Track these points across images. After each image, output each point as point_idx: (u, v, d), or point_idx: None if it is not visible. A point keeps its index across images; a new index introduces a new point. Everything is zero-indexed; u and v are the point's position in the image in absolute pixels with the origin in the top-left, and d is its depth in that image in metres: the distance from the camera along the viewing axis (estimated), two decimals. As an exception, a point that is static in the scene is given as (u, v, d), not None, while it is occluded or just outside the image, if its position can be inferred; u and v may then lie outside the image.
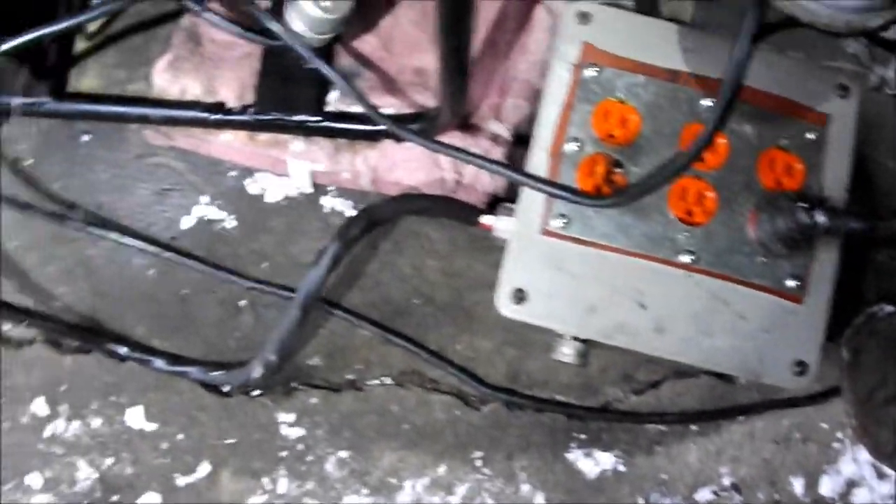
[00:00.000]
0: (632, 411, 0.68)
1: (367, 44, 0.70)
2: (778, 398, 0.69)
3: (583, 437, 0.68)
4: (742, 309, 0.56)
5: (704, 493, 0.68)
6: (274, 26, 0.60)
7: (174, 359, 0.68)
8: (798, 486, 0.69)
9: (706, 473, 0.68)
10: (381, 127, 0.67)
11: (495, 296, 0.55)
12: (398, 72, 0.69)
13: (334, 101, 0.68)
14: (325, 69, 0.59)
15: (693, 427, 0.69)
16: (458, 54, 0.54)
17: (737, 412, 0.69)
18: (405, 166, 0.67)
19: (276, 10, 0.63)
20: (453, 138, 0.65)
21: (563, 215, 0.56)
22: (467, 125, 0.67)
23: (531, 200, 0.56)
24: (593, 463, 0.67)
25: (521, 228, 0.56)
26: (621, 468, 0.68)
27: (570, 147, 0.57)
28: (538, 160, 0.57)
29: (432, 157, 0.67)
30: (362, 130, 0.67)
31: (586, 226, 0.56)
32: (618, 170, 0.56)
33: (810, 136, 0.58)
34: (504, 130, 0.67)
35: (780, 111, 0.58)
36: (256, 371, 0.63)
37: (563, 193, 0.54)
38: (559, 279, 0.55)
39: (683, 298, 0.56)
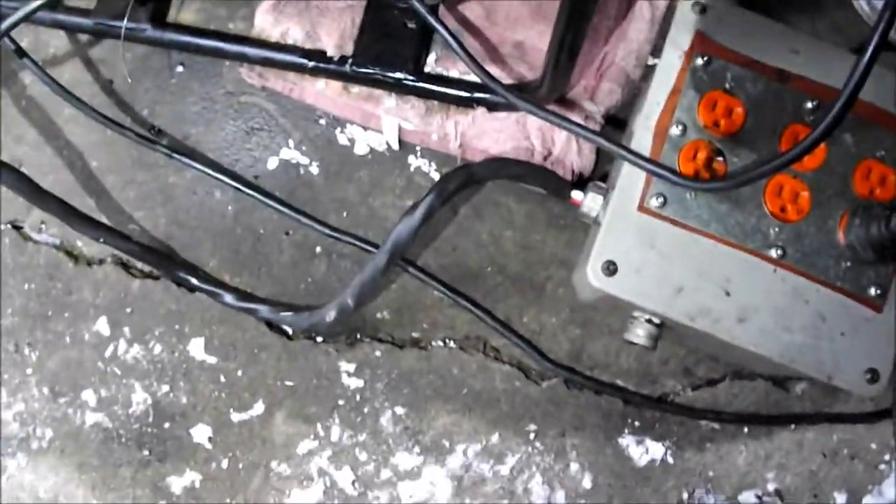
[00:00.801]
0: (688, 405, 0.68)
1: (470, 11, 0.71)
2: (830, 412, 0.70)
3: (636, 424, 0.68)
4: (822, 309, 0.57)
5: (748, 496, 0.68)
6: (394, -21, 0.61)
7: (244, 295, 0.68)
8: (840, 501, 0.69)
9: (752, 476, 0.68)
10: (478, 94, 0.68)
11: (586, 266, 0.56)
12: (499, 43, 0.70)
13: (432, 62, 0.69)
14: (441, 30, 0.59)
15: (745, 429, 0.69)
16: (575, 33, 0.55)
17: (789, 420, 0.69)
18: (495, 136, 0.68)
19: (394, -35, 0.64)
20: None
21: (660, 195, 0.56)
22: (561, 101, 0.68)
23: (631, 177, 0.57)
24: (643, 451, 0.68)
25: (618, 203, 0.57)
26: (670, 460, 0.68)
27: (675, 130, 0.57)
28: (642, 139, 0.57)
29: (522, 129, 0.68)
30: (457, 95, 0.68)
31: (682, 208, 0.57)
32: (719, 158, 0.57)
33: (907, 150, 0.59)
34: (597, 111, 0.68)
35: (879, 123, 0.59)
36: (330, 315, 0.64)
37: (666, 174, 0.54)
38: (650, 257, 0.56)
39: (767, 291, 0.56)
